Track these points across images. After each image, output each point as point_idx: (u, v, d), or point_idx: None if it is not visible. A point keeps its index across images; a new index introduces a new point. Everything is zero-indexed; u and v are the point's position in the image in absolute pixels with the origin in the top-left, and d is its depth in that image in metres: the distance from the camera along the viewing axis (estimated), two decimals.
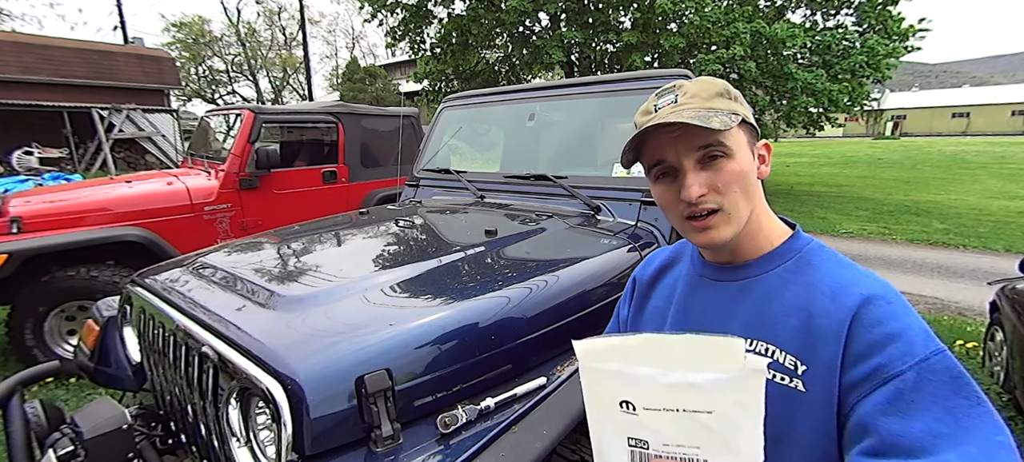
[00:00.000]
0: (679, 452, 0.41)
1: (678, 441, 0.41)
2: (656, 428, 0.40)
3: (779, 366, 0.61)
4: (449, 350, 1.08)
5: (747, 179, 0.67)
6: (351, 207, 3.91)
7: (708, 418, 0.40)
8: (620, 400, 0.42)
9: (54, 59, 13.24)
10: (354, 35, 35.05)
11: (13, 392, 1.43)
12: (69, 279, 2.98)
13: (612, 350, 0.43)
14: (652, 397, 0.41)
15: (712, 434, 0.40)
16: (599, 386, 0.43)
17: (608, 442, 0.42)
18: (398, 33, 11.42)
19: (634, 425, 0.41)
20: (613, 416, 0.42)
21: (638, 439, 0.41)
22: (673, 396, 0.40)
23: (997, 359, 2.79)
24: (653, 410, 0.40)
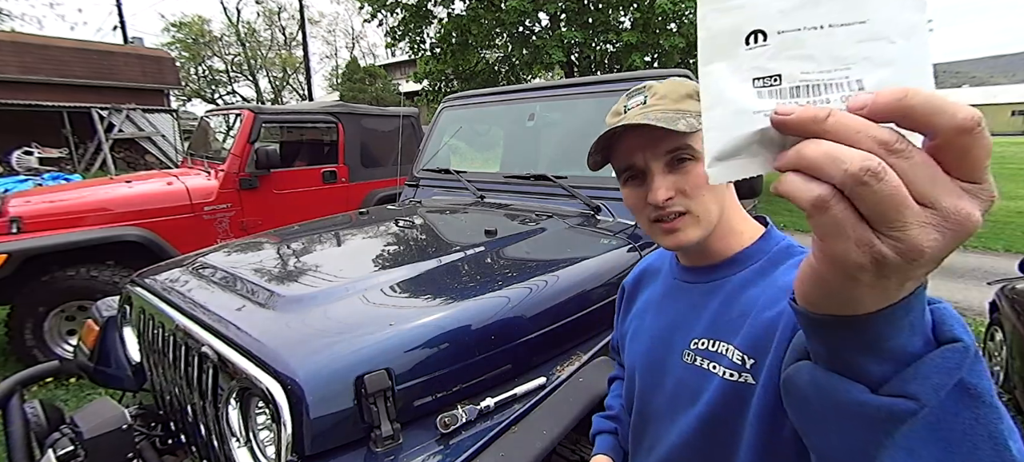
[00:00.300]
0: (824, 78, 0.32)
1: (822, 66, 0.32)
2: (793, 54, 0.32)
3: (730, 363, 0.61)
4: (449, 350, 1.08)
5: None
6: (351, 207, 3.91)
7: (860, 29, 0.31)
8: (748, 33, 0.33)
9: (54, 59, 13.24)
10: (354, 35, 35.07)
11: (13, 392, 1.43)
12: (69, 279, 2.98)
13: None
14: (789, 18, 0.32)
15: (864, 48, 0.31)
16: (720, 21, 0.34)
17: (729, 91, 0.33)
18: (398, 33, 11.42)
19: (764, 59, 0.33)
20: (735, 57, 0.33)
21: (769, 75, 0.33)
22: (819, 11, 0.32)
23: (997, 359, 2.79)
24: (791, 32, 0.32)
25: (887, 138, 0.27)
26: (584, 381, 1.19)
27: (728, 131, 0.33)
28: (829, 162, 0.27)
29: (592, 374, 1.22)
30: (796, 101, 0.32)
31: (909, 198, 0.26)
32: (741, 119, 0.33)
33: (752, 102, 0.33)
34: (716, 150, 0.34)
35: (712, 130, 0.34)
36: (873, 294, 0.30)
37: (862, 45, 0.31)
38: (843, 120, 0.28)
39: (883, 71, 0.31)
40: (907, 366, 0.33)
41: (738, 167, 0.34)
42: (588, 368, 1.23)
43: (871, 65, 0.31)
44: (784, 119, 0.30)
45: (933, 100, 0.26)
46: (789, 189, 0.29)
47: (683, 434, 0.67)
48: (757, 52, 0.33)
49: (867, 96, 0.29)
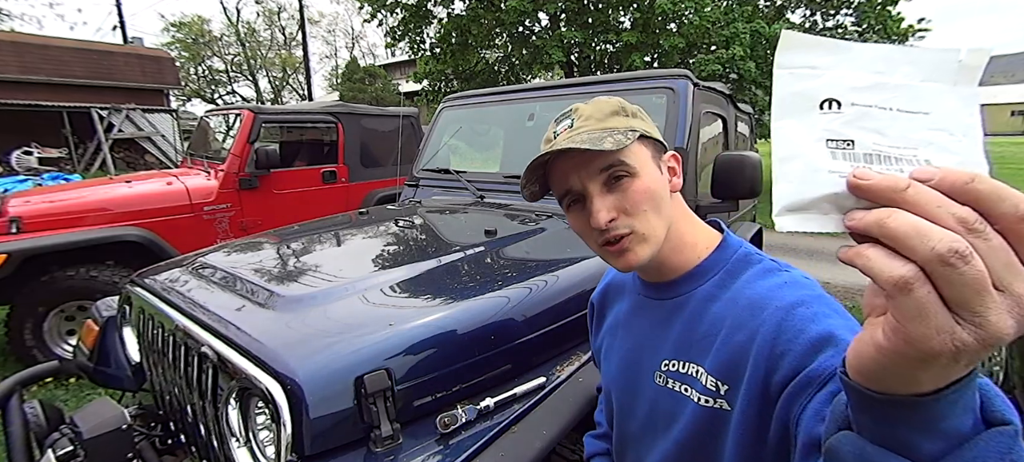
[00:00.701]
0: (894, 152, 0.34)
1: (892, 141, 0.34)
2: (866, 126, 0.34)
3: (704, 389, 0.60)
4: (449, 350, 1.08)
5: (657, 196, 0.64)
6: (351, 207, 3.91)
7: (925, 119, 0.34)
8: (823, 99, 0.35)
9: (53, 59, 13.23)
10: (354, 35, 35.06)
11: (12, 392, 1.43)
12: (68, 279, 2.98)
13: (819, 46, 0.36)
14: (861, 95, 0.35)
15: (929, 135, 0.34)
16: (796, 85, 0.36)
17: (804, 146, 0.35)
18: (398, 33, 11.42)
19: (838, 124, 0.35)
20: (809, 118, 0.35)
21: (842, 139, 0.34)
22: (887, 95, 0.34)
23: (996, 359, 2.79)
24: (864, 107, 0.34)
25: (967, 216, 0.27)
26: (584, 381, 1.19)
27: (802, 185, 0.35)
28: (916, 236, 0.27)
29: (592, 374, 1.22)
30: (869, 167, 0.34)
31: (990, 283, 0.26)
32: (816, 176, 0.34)
33: (826, 162, 0.34)
34: (788, 201, 0.35)
35: (786, 181, 0.35)
36: (939, 376, 0.30)
37: (928, 132, 0.34)
38: (924, 192, 0.28)
39: (948, 157, 0.34)
40: (960, 446, 0.32)
41: (807, 220, 0.35)
42: (588, 368, 1.23)
43: (937, 150, 0.34)
44: (862, 183, 0.31)
45: (998, 188, 0.27)
46: (869, 264, 0.29)
47: (664, 458, 0.66)
48: (831, 117, 0.35)
49: (934, 170, 0.29)
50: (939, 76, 0.35)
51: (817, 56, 0.36)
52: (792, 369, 0.51)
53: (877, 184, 0.30)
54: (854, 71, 0.36)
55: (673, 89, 1.86)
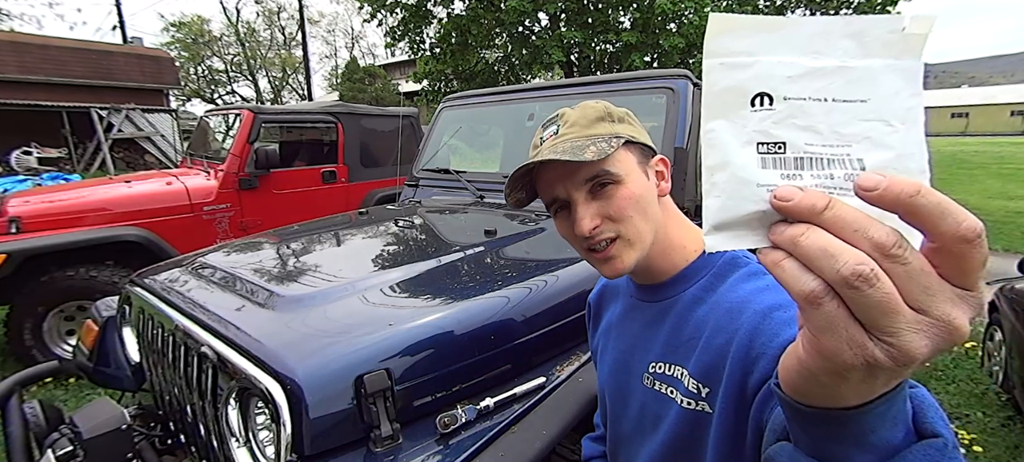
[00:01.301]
0: (826, 152, 0.31)
1: (825, 140, 0.31)
2: (798, 124, 0.32)
3: (686, 391, 0.60)
4: (448, 350, 1.08)
5: (644, 201, 0.65)
6: (350, 207, 3.91)
7: (862, 108, 0.31)
8: (755, 94, 0.32)
9: (53, 59, 13.23)
10: (353, 35, 35.06)
11: (12, 392, 1.43)
12: (68, 279, 2.98)
13: (754, 27, 0.33)
14: (795, 85, 0.32)
15: (865, 128, 0.31)
16: (727, 78, 0.33)
17: (733, 154, 0.32)
18: (397, 33, 11.41)
19: (769, 123, 0.32)
20: (740, 117, 0.32)
21: (773, 142, 0.32)
22: (823, 83, 0.31)
23: (996, 359, 2.79)
24: (797, 100, 0.32)
25: (884, 241, 0.26)
26: (584, 381, 1.19)
27: (731, 201, 0.32)
28: (823, 258, 0.27)
29: (591, 374, 1.22)
30: (800, 173, 0.31)
31: (902, 304, 0.26)
32: (744, 191, 0.32)
33: (755, 172, 0.32)
34: (716, 219, 0.33)
35: (715, 196, 0.33)
36: (860, 390, 0.30)
37: (863, 124, 0.31)
38: (842, 215, 0.28)
39: (882, 154, 0.31)
40: (890, 458, 0.33)
41: (737, 238, 0.33)
42: (587, 368, 1.23)
43: (871, 145, 0.31)
44: (784, 205, 0.29)
45: (942, 204, 0.26)
46: (783, 276, 0.29)
47: (651, 459, 0.67)
48: (763, 115, 0.32)
49: (878, 178, 0.28)
50: (881, 49, 0.31)
51: (752, 40, 0.32)
52: (765, 373, 0.51)
53: (797, 205, 0.29)
54: (790, 55, 0.32)
55: (673, 89, 1.86)
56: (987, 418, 2.55)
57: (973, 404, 2.68)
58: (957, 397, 2.76)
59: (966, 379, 2.94)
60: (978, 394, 2.78)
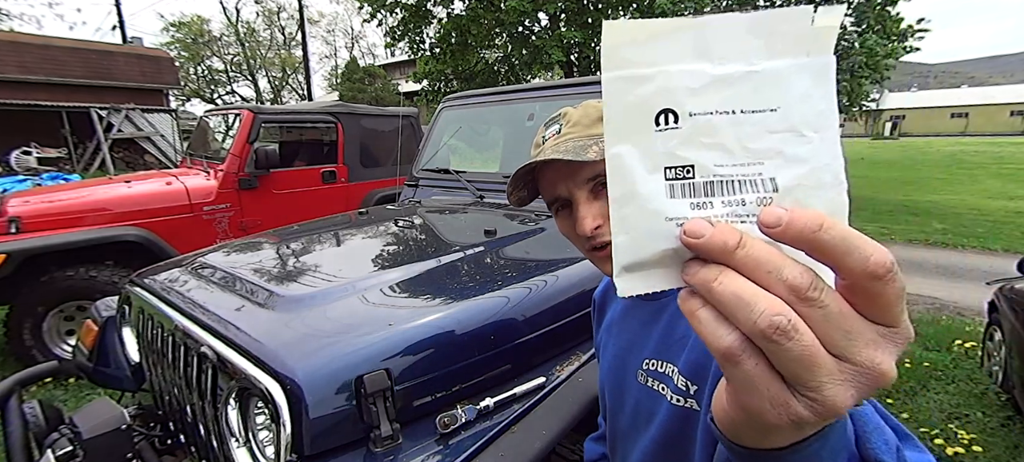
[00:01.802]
0: (737, 172, 0.28)
1: (735, 158, 0.28)
2: (706, 142, 0.29)
3: (676, 388, 0.61)
4: (448, 350, 1.08)
5: None
6: (350, 207, 3.91)
7: (771, 118, 0.28)
8: (659, 111, 0.29)
9: (53, 59, 13.22)
10: (353, 35, 35.05)
11: (11, 392, 1.42)
12: (68, 279, 2.98)
13: (653, 34, 0.29)
14: (699, 98, 0.29)
15: (776, 141, 0.28)
16: (629, 93, 0.29)
17: (640, 184, 0.29)
18: (397, 33, 11.42)
19: (675, 143, 0.29)
20: (645, 139, 0.29)
21: (681, 166, 0.29)
22: (729, 93, 0.28)
23: (995, 359, 2.79)
24: (702, 115, 0.28)
25: (799, 283, 0.25)
26: (584, 381, 1.19)
27: (640, 239, 0.29)
28: (738, 307, 0.25)
29: (592, 374, 1.22)
30: (710, 200, 0.28)
31: (823, 355, 0.24)
32: (653, 225, 0.29)
33: (664, 203, 0.29)
34: (626, 259, 0.30)
35: (623, 233, 0.29)
36: (789, 435, 0.29)
37: (774, 137, 0.28)
38: (755, 254, 0.25)
39: (796, 169, 0.28)
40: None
41: (650, 280, 0.30)
42: (588, 368, 1.23)
43: (784, 161, 0.28)
44: (694, 243, 0.27)
45: (847, 239, 0.24)
46: (699, 328, 0.27)
47: (644, 455, 0.68)
48: (669, 135, 0.29)
49: (780, 213, 0.26)
50: (790, 47, 0.28)
51: (653, 48, 0.29)
52: None
53: (708, 243, 0.26)
54: (693, 62, 0.29)
55: None
56: (987, 418, 2.55)
57: (973, 404, 2.68)
58: (957, 397, 2.76)
59: (966, 379, 2.94)
60: (978, 394, 2.78)
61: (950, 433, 2.42)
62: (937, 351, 3.30)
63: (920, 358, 3.15)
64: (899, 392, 2.81)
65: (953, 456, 2.27)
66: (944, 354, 3.25)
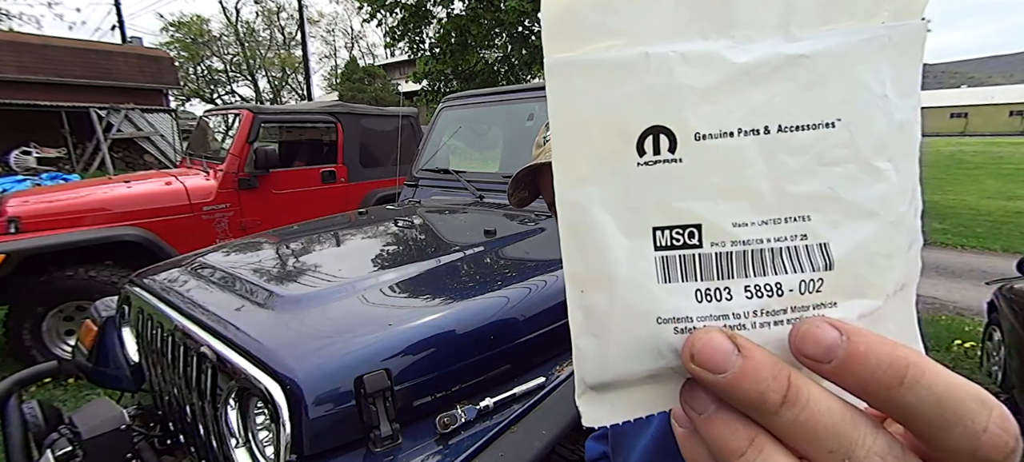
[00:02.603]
0: (769, 238, 0.18)
1: (767, 211, 0.17)
2: (721, 183, 0.17)
3: None
4: (448, 350, 1.08)
5: None
6: (350, 207, 3.91)
7: (830, 137, 0.17)
8: (644, 131, 0.17)
9: (52, 59, 13.22)
10: (353, 35, 35.06)
11: (11, 392, 1.42)
12: (67, 279, 2.98)
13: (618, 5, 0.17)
14: (714, 103, 0.17)
15: (834, 178, 0.17)
16: (588, 97, 0.18)
17: (614, 260, 0.18)
18: (397, 33, 11.42)
19: (674, 189, 0.18)
20: (620, 178, 0.18)
21: (681, 226, 0.18)
22: (761, 97, 0.17)
23: (995, 359, 2.79)
24: (719, 138, 0.17)
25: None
26: None
27: (615, 349, 0.19)
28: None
29: None
30: (727, 287, 0.18)
31: None
32: (638, 328, 0.18)
33: (654, 293, 0.18)
34: (594, 378, 0.19)
35: (590, 335, 0.19)
36: None
37: (829, 172, 0.17)
38: (811, 422, 0.16)
39: (861, 228, 0.18)
40: None
41: (629, 406, 0.20)
42: None
43: (842, 213, 0.17)
44: (711, 382, 0.17)
45: (945, 400, 0.15)
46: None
47: (644, 453, 0.68)
48: (661, 173, 0.18)
49: (832, 339, 0.16)
50: (855, 7, 0.17)
51: (634, 9, 0.17)
52: None
53: (733, 388, 0.16)
54: (701, 37, 0.17)
55: None
56: None
57: None
58: None
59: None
60: None
61: None
62: (936, 351, 3.30)
63: None
64: None
65: None
66: (943, 354, 3.25)
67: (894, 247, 0.18)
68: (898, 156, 0.18)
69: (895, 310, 0.19)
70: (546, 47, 0.18)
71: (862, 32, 0.17)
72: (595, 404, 0.20)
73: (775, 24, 0.17)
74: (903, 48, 0.17)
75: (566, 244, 0.19)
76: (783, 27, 0.17)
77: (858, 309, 0.18)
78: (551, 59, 0.18)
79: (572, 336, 0.19)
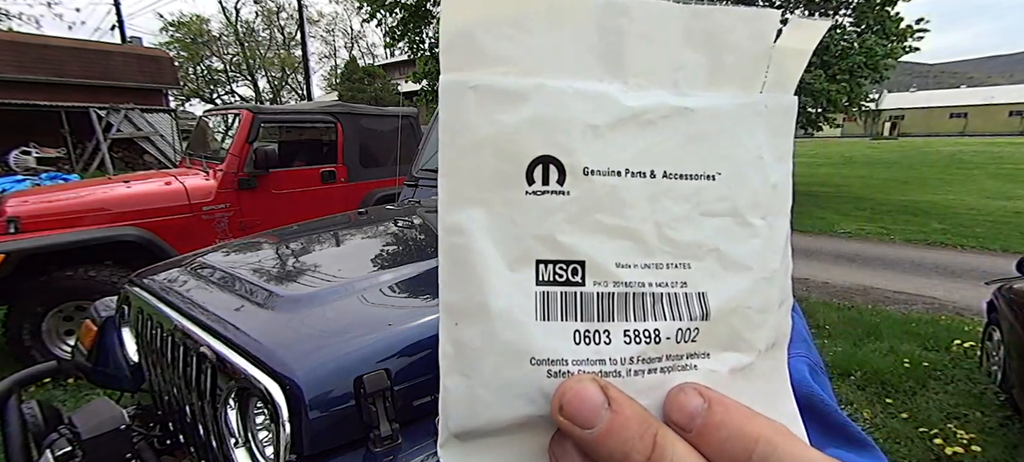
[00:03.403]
0: (651, 282, 0.18)
1: (650, 255, 0.18)
2: (606, 222, 0.18)
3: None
4: None
5: None
6: (350, 207, 3.91)
7: (709, 190, 0.18)
8: (534, 159, 0.17)
9: (52, 59, 13.22)
10: (353, 35, 35.08)
11: (11, 392, 1.42)
12: (67, 279, 2.98)
13: (517, 7, 0.17)
14: (606, 146, 0.18)
15: (713, 229, 0.18)
16: (483, 120, 0.17)
17: (493, 283, 0.17)
18: (397, 33, 11.42)
19: (559, 221, 0.18)
20: (507, 204, 0.18)
21: (565, 262, 0.18)
22: (649, 142, 0.18)
23: (994, 359, 2.80)
24: (607, 176, 0.18)
25: None
26: None
27: (485, 391, 0.18)
28: None
29: None
30: (606, 331, 0.18)
31: None
32: (510, 370, 0.18)
33: (531, 330, 0.18)
34: (460, 424, 0.18)
35: (457, 375, 0.18)
36: None
37: (710, 223, 0.18)
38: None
39: (735, 281, 0.18)
40: None
41: (493, 456, 0.19)
42: None
43: (719, 265, 0.18)
44: (579, 436, 0.16)
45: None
46: None
47: None
48: (548, 203, 0.18)
49: (694, 406, 0.16)
50: (739, 74, 0.18)
51: (530, 37, 0.17)
52: None
53: (599, 442, 0.16)
54: (596, 76, 0.18)
55: None
56: (986, 418, 2.55)
57: (971, 404, 2.69)
58: (956, 397, 2.76)
59: (965, 379, 2.95)
60: (976, 394, 2.78)
61: (949, 432, 2.42)
62: (936, 351, 3.30)
63: (919, 358, 3.15)
64: (899, 392, 2.81)
65: (952, 455, 2.27)
66: (943, 354, 3.25)
67: (766, 302, 0.19)
68: (771, 214, 0.19)
69: (767, 368, 0.19)
70: (442, 65, 0.18)
71: (742, 97, 0.19)
72: (456, 453, 0.19)
73: (666, 78, 0.18)
74: (777, 118, 0.19)
75: (444, 270, 0.18)
76: (673, 82, 0.18)
77: (730, 362, 0.19)
78: (446, 78, 0.18)
79: (441, 375, 0.18)
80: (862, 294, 4.57)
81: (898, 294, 4.61)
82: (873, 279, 4.99)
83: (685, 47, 0.18)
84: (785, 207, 0.20)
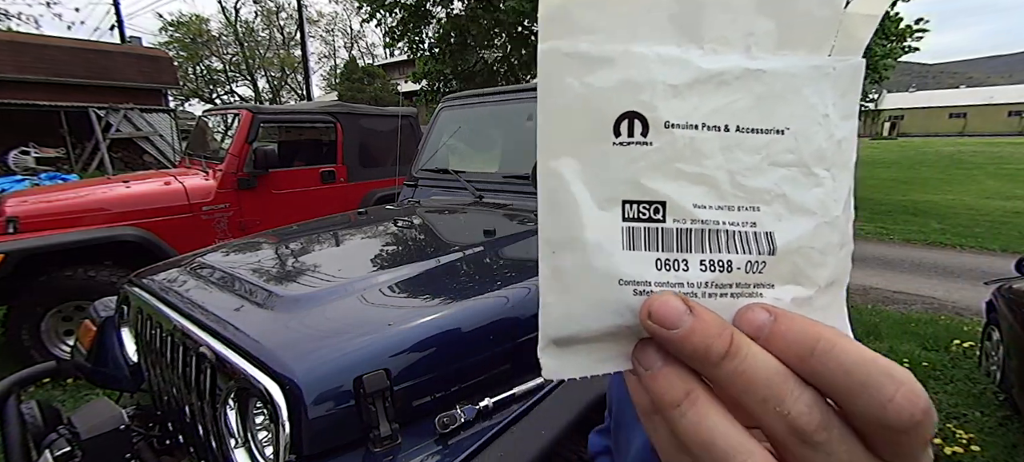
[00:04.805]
0: (724, 222, 0.20)
1: (723, 198, 0.20)
2: (686, 170, 0.20)
3: None
4: (447, 350, 1.08)
5: None
6: (349, 207, 3.91)
7: (778, 143, 0.20)
8: (621, 115, 0.20)
9: (51, 59, 13.20)
10: (352, 35, 35.07)
11: (10, 393, 1.42)
12: (66, 279, 2.97)
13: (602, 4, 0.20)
14: (685, 104, 0.20)
15: (779, 177, 0.20)
16: (575, 84, 0.20)
17: (587, 226, 0.20)
18: (397, 33, 11.42)
19: (643, 168, 0.20)
20: (598, 154, 0.20)
21: (648, 202, 0.20)
22: (724, 100, 0.20)
23: (994, 359, 2.80)
24: (686, 129, 0.20)
25: (805, 425, 0.17)
26: (583, 381, 1.19)
27: (579, 306, 0.21)
28: (708, 455, 0.18)
29: None
30: (685, 260, 0.20)
31: None
32: (601, 289, 0.20)
33: (618, 258, 0.20)
34: (557, 332, 0.22)
35: (557, 292, 0.21)
36: None
37: (777, 173, 0.20)
38: (749, 373, 0.18)
39: (799, 224, 0.20)
40: None
41: (589, 361, 0.22)
42: None
43: (786, 209, 0.20)
44: (663, 336, 0.19)
45: (854, 371, 0.17)
46: (654, 440, 0.21)
47: (644, 448, 0.68)
48: (633, 153, 0.20)
49: (762, 319, 0.19)
50: (807, 38, 0.20)
51: (619, 12, 0.20)
52: None
53: (683, 342, 0.19)
54: (675, 43, 0.20)
55: None
56: (985, 417, 2.56)
57: (971, 404, 2.69)
58: (955, 397, 2.77)
59: (964, 379, 2.95)
60: (976, 394, 2.78)
61: (949, 432, 2.42)
62: (935, 351, 3.31)
63: (918, 358, 3.15)
64: None
65: (951, 455, 2.27)
66: (942, 354, 3.25)
67: (827, 244, 0.21)
68: (835, 167, 0.21)
69: (826, 302, 0.21)
70: (541, 35, 0.20)
71: (812, 59, 0.20)
72: (556, 357, 0.22)
73: (739, 43, 0.20)
74: (845, 79, 0.21)
75: (543, 210, 0.21)
76: (745, 46, 0.20)
77: (792, 293, 0.21)
78: (544, 46, 0.20)
79: (540, 293, 0.21)
80: (861, 294, 4.57)
81: (897, 294, 4.61)
82: (872, 279, 4.99)
83: (758, 14, 0.20)
84: (849, 161, 0.21)
